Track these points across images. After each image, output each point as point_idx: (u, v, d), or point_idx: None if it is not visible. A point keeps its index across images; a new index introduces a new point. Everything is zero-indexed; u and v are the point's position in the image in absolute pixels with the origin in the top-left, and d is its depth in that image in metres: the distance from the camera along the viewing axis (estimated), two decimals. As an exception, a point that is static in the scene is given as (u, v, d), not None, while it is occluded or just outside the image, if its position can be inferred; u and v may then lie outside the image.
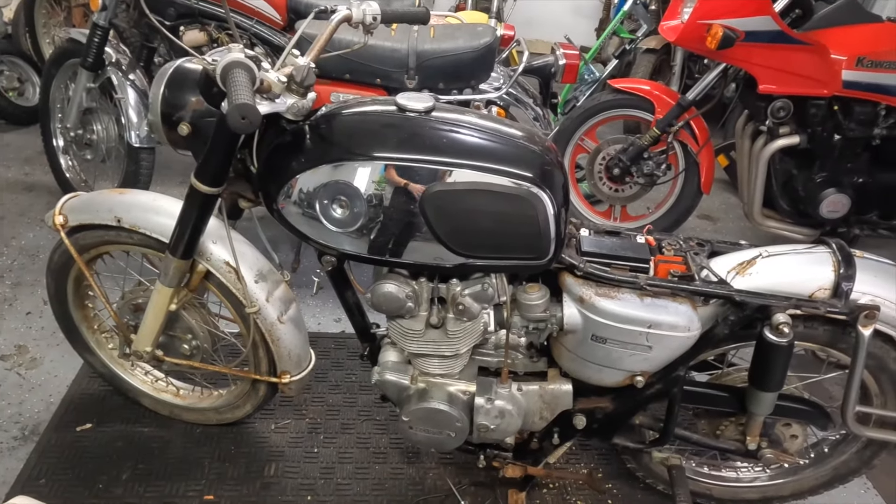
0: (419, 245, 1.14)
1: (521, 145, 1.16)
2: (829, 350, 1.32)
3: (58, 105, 2.49)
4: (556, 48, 2.34)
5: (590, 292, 1.20)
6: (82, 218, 1.40)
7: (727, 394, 1.34)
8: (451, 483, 1.61)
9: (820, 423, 1.36)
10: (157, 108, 1.17)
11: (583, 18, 4.98)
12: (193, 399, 1.69)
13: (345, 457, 1.68)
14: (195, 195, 1.20)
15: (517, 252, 1.14)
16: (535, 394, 1.34)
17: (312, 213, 1.15)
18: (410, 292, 1.21)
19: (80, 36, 2.30)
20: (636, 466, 1.56)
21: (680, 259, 1.26)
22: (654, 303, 1.19)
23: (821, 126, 2.27)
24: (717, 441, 1.40)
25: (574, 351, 1.26)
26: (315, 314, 2.20)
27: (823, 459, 1.50)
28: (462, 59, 2.05)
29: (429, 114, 1.14)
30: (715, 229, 3.08)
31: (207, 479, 1.58)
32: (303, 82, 1.09)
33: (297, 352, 1.47)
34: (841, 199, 2.35)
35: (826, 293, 1.19)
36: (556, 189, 1.14)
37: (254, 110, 0.87)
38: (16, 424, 1.68)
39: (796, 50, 2.14)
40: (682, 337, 1.19)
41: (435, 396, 1.31)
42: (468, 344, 1.27)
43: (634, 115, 2.64)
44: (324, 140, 1.15)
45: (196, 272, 1.37)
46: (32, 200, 2.67)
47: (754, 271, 1.22)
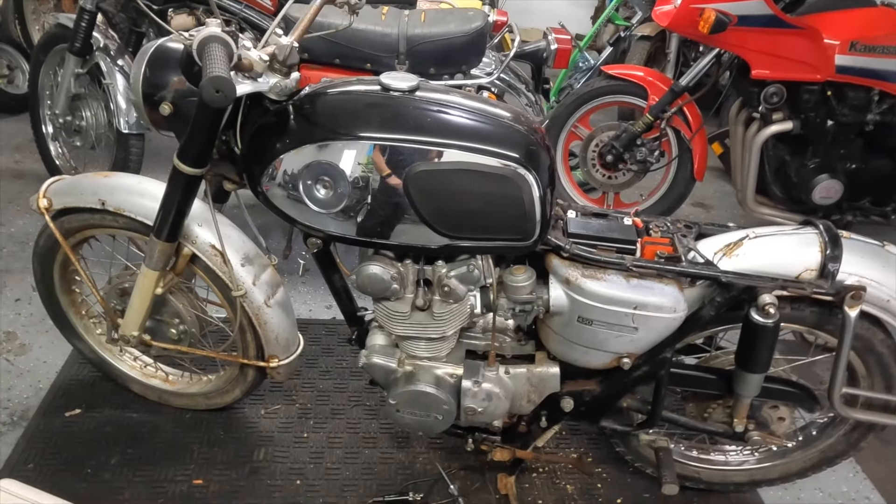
0: (404, 226, 1.13)
1: (507, 125, 1.15)
2: (816, 332, 1.32)
3: (47, 92, 2.47)
4: (548, 33, 2.32)
5: (576, 274, 1.19)
6: (66, 201, 1.39)
7: (714, 376, 1.34)
8: (441, 467, 1.61)
9: (807, 405, 1.36)
10: (139, 88, 1.16)
11: (577, 6, 4.94)
12: (182, 384, 1.69)
13: (335, 441, 1.68)
14: (178, 176, 1.19)
15: (502, 233, 1.14)
16: (523, 377, 1.34)
17: (297, 194, 1.14)
18: (396, 274, 1.20)
19: (68, 21, 2.27)
20: (625, 450, 1.57)
21: (667, 241, 1.25)
22: (640, 284, 1.19)
23: (814, 112, 2.26)
24: (705, 424, 1.40)
25: (561, 333, 1.26)
26: (306, 301, 2.19)
27: (811, 442, 1.51)
28: (452, 44, 2.04)
29: (413, 93, 1.13)
30: (709, 217, 3.08)
31: (196, 463, 1.58)
32: (285, 61, 1.08)
33: (285, 336, 1.46)
34: (834, 186, 2.35)
35: (813, 274, 1.19)
36: (542, 170, 1.13)
37: (228, 83, 0.86)
38: (4, 410, 1.68)
39: (789, 34, 2.13)
40: (668, 318, 1.19)
41: (422, 379, 1.31)
42: (454, 326, 1.27)
43: (628, 101, 2.63)
44: (307, 120, 1.14)
45: (182, 255, 1.36)
46: (22, 188, 2.66)
47: (741, 253, 1.22)
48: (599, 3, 4.73)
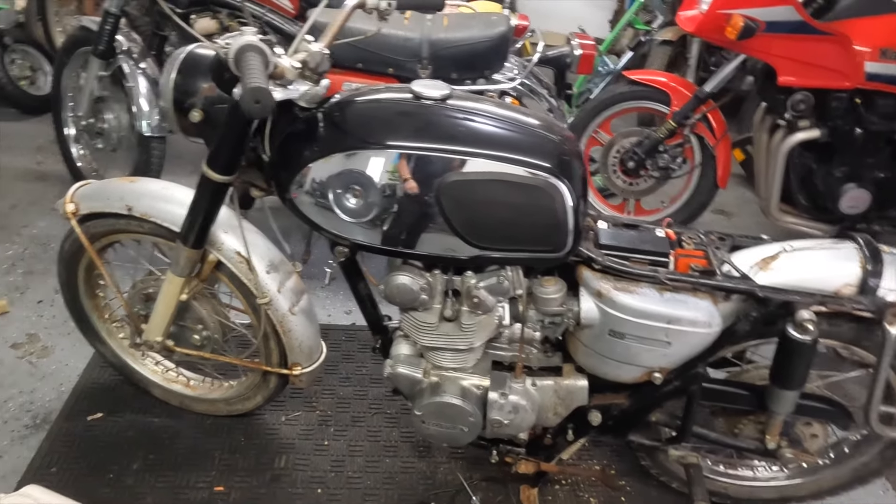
0: (434, 236, 1.12)
1: (540, 134, 1.13)
2: (852, 348, 1.28)
3: (69, 94, 2.48)
4: (571, 38, 2.30)
5: (608, 286, 1.17)
6: (93, 206, 1.39)
7: (747, 391, 1.31)
8: (463, 478, 1.60)
9: (842, 422, 1.33)
10: (169, 95, 1.15)
11: (596, 9, 4.91)
12: (203, 390, 1.68)
13: (355, 450, 1.66)
14: (207, 183, 1.19)
15: (534, 244, 1.12)
16: (550, 389, 1.32)
17: (325, 202, 1.13)
18: (424, 284, 1.19)
19: (91, 24, 2.28)
20: (651, 464, 1.54)
21: (701, 253, 1.23)
22: (673, 298, 1.16)
23: (842, 119, 2.21)
24: (736, 439, 1.37)
25: (591, 346, 1.24)
26: (325, 306, 2.18)
27: (843, 460, 1.47)
28: (476, 49, 2.02)
29: (445, 102, 1.11)
30: (730, 224, 3.03)
31: (217, 470, 1.57)
32: (317, 68, 1.07)
33: (309, 343, 1.45)
34: (861, 195, 2.30)
35: (852, 290, 1.16)
36: (575, 179, 1.11)
37: (267, 94, 0.85)
38: (27, 413, 1.68)
39: (818, 41, 2.09)
40: (703, 333, 1.17)
41: (448, 390, 1.29)
42: (482, 338, 1.25)
43: (650, 107, 2.60)
44: (337, 128, 1.12)
45: (207, 262, 1.36)
46: (44, 189, 2.67)
47: (777, 266, 1.19)
48: (618, 6, 4.70)
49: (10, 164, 2.84)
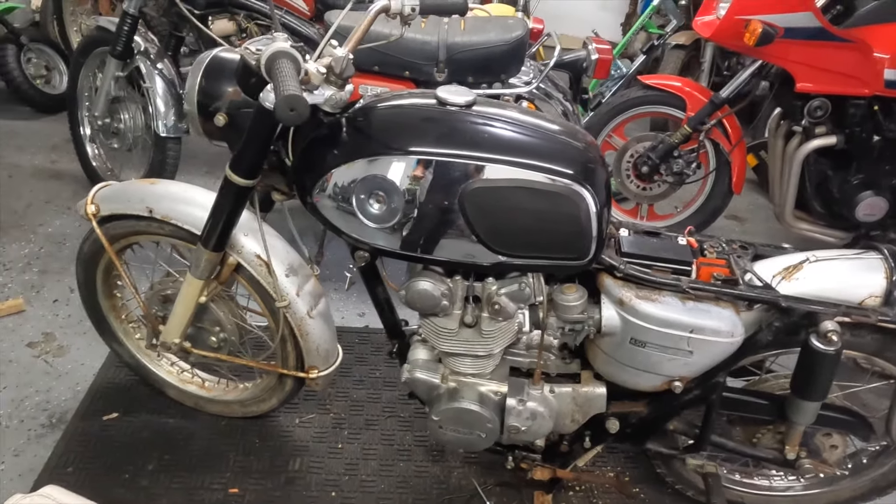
0: (456, 242, 1.11)
1: (564, 141, 1.13)
2: (874, 359, 1.28)
3: (85, 93, 2.49)
4: (588, 43, 2.29)
5: (630, 294, 1.17)
6: (114, 207, 1.40)
7: (767, 401, 1.30)
8: (477, 483, 1.59)
9: (862, 434, 1.32)
10: (194, 99, 1.16)
11: (608, 12, 4.90)
12: (219, 391, 1.69)
13: (369, 453, 1.66)
14: (229, 187, 1.19)
15: (557, 251, 1.12)
16: (568, 396, 1.31)
17: (348, 207, 1.13)
18: (446, 290, 1.18)
19: (108, 24, 2.29)
20: (666, 472, 1.53)
21: (723, 262, 1.22)
22: (696, 307, 1.16)
23: (860, 126, 2.20)
24: (754, 449, 1.36)
25: (611, 354, 1.23)
26: (339, 308, 2.18)
27: (862, 470, 1.46)
28: (493, 53, 2.02)
29: (470, 108, 1.11)
30: (743, 230, 3.02)
31: (232, 471, 1.57)
32: (342, 73, 1.07)
33: (326, 347, 1.45)
34: (878, 202, 2.29)
35: (877, 301, 1.15)
36: (599, 187, 1.11)
37: (303, 101, 0.85)
38: (43, 412, 1.69)
39: (837, 47, 2.08)
40: (725, 343, 1.16)
41: (466, 396, 1.29)
42: (502, 344, 1.25)
43: (664, 112, 2.59)
44: (362, 133, 1.12)
45: (227, 265, 1.36)
46: (59, 188, 2.69)
47: (801, 276, 1.18)
48: (631, 9, 4.69)
49: (25, 162, 2.86)
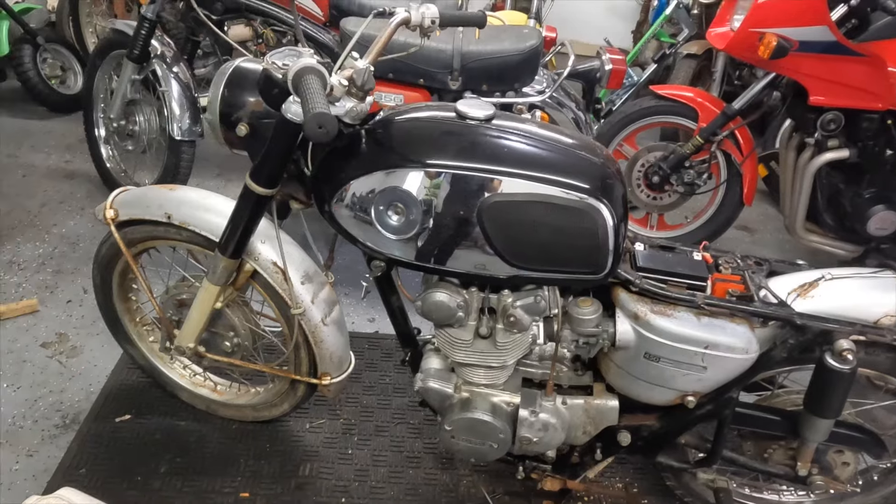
0: (473, 255, 1.12)
1: (582, 156, 1.13)
2: (887, 377, 1.28)
3: (101, 95, 2.52)
4: (601, 52, 2.30)
5: (645, 309, 1.17)
6: (133, 213, 1.41)
7: (779, 417, 1.30)
8: (485, 492, 1.60)
9: (875, 451, 1.32)
10: (216, 108, 1.17)
11: (619, 20, 4.90)
12: (231, 395, 1.70)
13: (379, 460, 1.67)
14: (249, 195, 1.20)
15: (574, 265, 1.12)
16: (580, 408, 1.32)
17: (366, 217, 1.14)
18: (461, 302, 1.19)
19: (125, 27, 2.31)
20: (676, 485, 1.53)
21: (738, 278, 1.22)
22: (711, 323, 1.16)
23: (872, 140, 2.20)
24: (766, 464, 1.36)
25: (624, 367, 1.24)
26: (349, 313, 2.19)
27: (872, 487, 1.46)
28: (507, 62, 2.03)
29: (489, 122, 1.12)
30: (752, 241, 3.02)
31: (243, 476, 1.58)
32: (363, 86, 1.08)
33: (339, 354, 1.46)
34: (890, 217, 2.28)
35: (892, 320, 1.15)
36: (616, 201, 1.11)
37: (331, 119, 0.86)
38: (57, 412, 1.70)
39: (851, 61, 2.07)
40: (739, 359, 1.16)
41: (479, 407, 1.30)
42: (516, 356, 1.26)
43: (676, 122, 2.59)
44: (381, 146, 1.13)
45: (243, 271, 1.37)
46: (73, 188, 2.71)
47: (816, 294, 1.19)
48: (642, 17, 4.69)
49: (39, 162, 2.88)
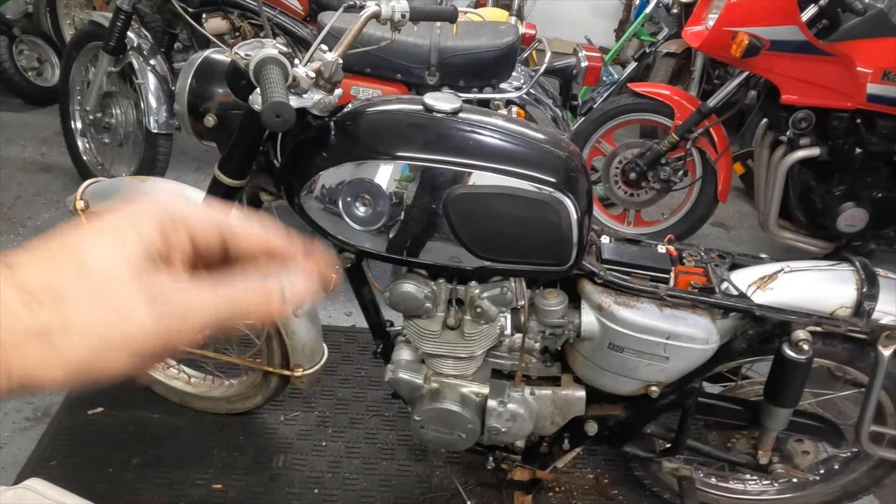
0: (440, 246, 1.13)
1: (547, 150, 1.15)
2: (845, 368, 1.31)
3: (77, 87, 2.50)
4: (578, 50, 2.32)
5: (609, 300, 1.19)
6: (103, 203, 1.41)
7: (741, 407, 1.33)
8: (458, 482, 1.62)
9: (833, 440, 1.35)
10: (184, 99, 1.17)
11: (602, 18, 4.94)
12: (204, 388, 1.70)
13: (353, 451, 1.68)
14: (218, 186, 1.20)
15: (539, 257, 1.14)
16: (548, 399, 1.34)
17: (335, 209, 1.14)
18: (429, 293, 1.20)
19: (102, 19, 2.30)
20: (644, 474, 1.56)
21: (701, 270, 1.25)
22: (673, 314, 1.19)
23: (842, 139, 2.25)
24: (728, 453, 1.40)
25: (590, 358, 1.26)
26: (325, 307, 2.20)
27: (833, 476, 1.50)
28: (484, 58, 2.04)
29: (456, 115, 1.13)
30: (728, 237, 3.06)
31: (216, 467, 1.59)
32: (331, 78, 1.08)
33: (311, 346, 1.47)
34: (859, 214, 2.33)
35: (848, 311, 1.18)
36: (580, 195, 1.13)
37: (289, 108, 0.87)
38: (28, 405, 1.70)
39: (821, 61, 2.12)
40: (701, 349, 1.19)
41: (448, 397, 1.31)
42: (484, 346, 1.27)
43: (653, 119, 2.62)
44: (349, 137, 1.14)
45: (214, 263, 1.37)
46: (49, 181, 2.68)
47: (775, 286, 1.22)
48: (624, 16, 4.73)
49: (14, 155, 2.85)
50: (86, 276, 0.29)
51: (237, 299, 0.33)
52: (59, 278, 0.29)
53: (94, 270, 0.30)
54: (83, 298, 0.29)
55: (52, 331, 0.28)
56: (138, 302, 0.30)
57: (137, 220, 0.32)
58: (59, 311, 0.29)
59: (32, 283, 0.29)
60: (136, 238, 0.31)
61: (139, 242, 0.31)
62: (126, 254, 0.30)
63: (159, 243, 0.32)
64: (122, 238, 0.31)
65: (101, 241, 0.31)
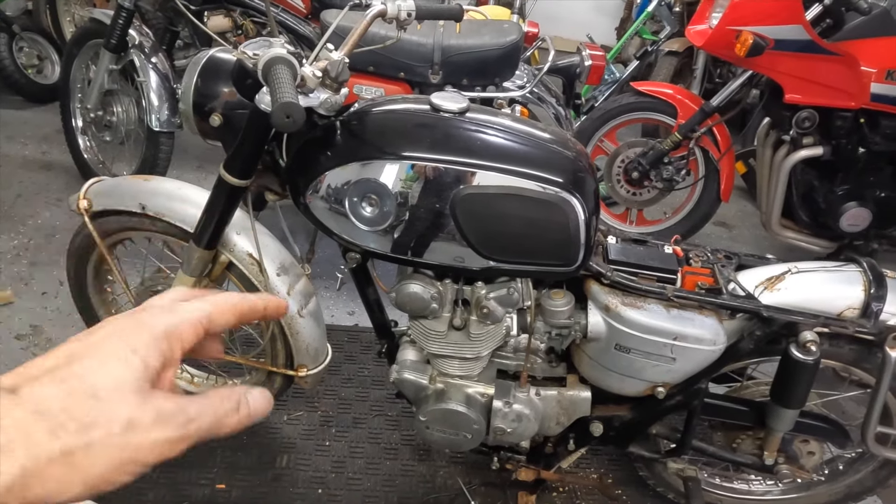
0: (446, 246, 1.13)
1: (554, 150, 1.15)
2: (852, 369, 1.31)
3: (78, 85, 2.48)
4: (581, 49, 2.31)
5: (616, 301, 1.19)
6: (107, 203, 1.40)
7: (747, 408, 1.33)
8: (462, 482, 1.61)
9: (839, 441, 1.35)
10: (190, 98, 1.16)
11: (604, 17, 4.93)
12: (207, 387, 1.69)
13: (356, 451, 1.68)
14: (223, 186, 1.19)
15: (546, 258, 1.13)
16: (553, 399, 1.33)
17: (341, 209, 1.14)
18: (435, 293, 1.20)
19: (103, 17, 2.28)
20: (648, 474, 1.56)
21: (707, 271, 1.24)
22: (680, 315, 1.18)
23: (846, 138, 2.24)
24: (734, 454, 1.39)
25: (596, 359, 1.25)
26: (328, 306, 2.20)
27: (838, 476, 1.50)
28: (488, 56, 2.04)
29: (463, 115, 1.12)
30: (731, 237, 3.06)
31: (219, 467, 1.58)
32: (337, 77, 1.08)
33: (315, 346, 1.46)
34: (862, 213, 2.33)
35: (855, 313, 1.18)
36: (588, 195, 1.12)
37: (299, 109, 0.86)
38: (31, 405, 1.69)
39: (825, 60, 2.11)
40: (708, 350, 1.18)
41: (453, 398, 1.31)
42: (489, 347, 1.27)
43: (655, 118, 2.62)
44: (355, 137, 1.13)
45: (219, 263, 1.37)
46: (50, 180, 2.67)
47: (783, 287, 1.21)
48: (625, 14, 4.72)
49: (15, 152, 2.84)
50: (99, 399, 0.32)
51: (215, 408, 0.37)
52: (76, 403, 0.31)
53: (106, 394, 0.32)
54: (102, 422, 0.31)
55: (75, 453, 0.31)
56: (148, 420, 0.33)
57: (135, 340, 0.35)
58: (86, 436, 0.31)
59: (50, 409, 0.31)
60: (138, 360, 0.34)
61: (140, 364, 0.34)
62: (130, 374, 0.34)
63: (157, 364, 0.35)
64: (124, 360, 0.34)
65: (105, 363, 0.33)
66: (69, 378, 0.32)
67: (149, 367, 0.34)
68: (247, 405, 0.38)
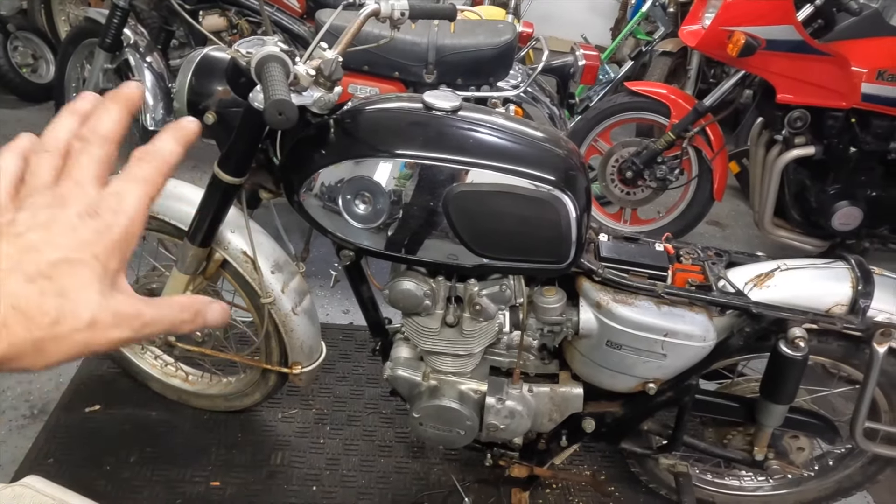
0: (439, 244, 1.14)
1: (546, 148, 1.16)
2: (840, 365, 1.32)
3: (73, 84, 2.49)
4: (576, 48, 2.33)
5: (607, 298, 1.20)
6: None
7: (737, 404, 1.35)
8: (456, 479, 1.62)
9: (828, 437, 1.37)
10: (184, 97, 1.17)
11: (598, 17, 4.95)
12: (202, 385, 1.70)
13: (350, 449, 1.68)
14: (217, 184, 1.20)
15: (538, 255, 1.14)
16: (546, 396, 1.34)
17: (334, 207, 1.15)
18: (428, 290, 1.21)
19: (98, 16, 2.29)
20: (640, 471, 1.57)
21: (698, 268, 1.26)
22: (670, 311, 1.19)
23: (837, 138, 2.26)
24: (725, 450, 1.41)
25: (588, 355, 1.26)
26: (323, 304, 2.20)
27: (827, 472, 1.51)
28: (482, 56, 2.04)
29: (455, 113, 1.13)
30: (724, 236, 3.08)
31: (214, 465, 1.59)
32: (331, 76, 1.08)
33: (310, 343, 1.47)
34: (853, 212, 2.35)
35: (843, 309, 1.19)
36: (579, 193, 1.14)
37: (291, 106, 0.87)
38: (25, 403, 1.69)
39: (817, 61, 2.13)
40: (698, 346, 1.20)
41: (446, 394, 1.32)
42: (482, 344, 1.28)
43: (649, 118, 2.63)
44: (349, 135, 1.14)
45: (213, 260, 1.37)
46: (44, 178, 2.67)
47: (772, 284, 1.22)
48: (620, 14, 4.73)
49: (9, 151, 2.83)
50: (67, 299, 0.35)
51: (172, 317, 0.39)
52: (47, 301, 0.34)
53: (74, 295, 0.35)
54: (69, 319, 0.35)
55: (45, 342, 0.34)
56: (108, 321, 0.36)
57: (97, 247, 0.37)
58: (54, 330, 0.34)
59: (27, 307, 0.34)
60: (100, 265, 0.36)
61: (101, 268, 0.36)
62: (94, 276, 0.36)
63: (116, 266, 0.37)
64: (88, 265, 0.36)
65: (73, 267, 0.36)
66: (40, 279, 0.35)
67: (108, 270, 0.36)
68: (203, 318, 0.40)
